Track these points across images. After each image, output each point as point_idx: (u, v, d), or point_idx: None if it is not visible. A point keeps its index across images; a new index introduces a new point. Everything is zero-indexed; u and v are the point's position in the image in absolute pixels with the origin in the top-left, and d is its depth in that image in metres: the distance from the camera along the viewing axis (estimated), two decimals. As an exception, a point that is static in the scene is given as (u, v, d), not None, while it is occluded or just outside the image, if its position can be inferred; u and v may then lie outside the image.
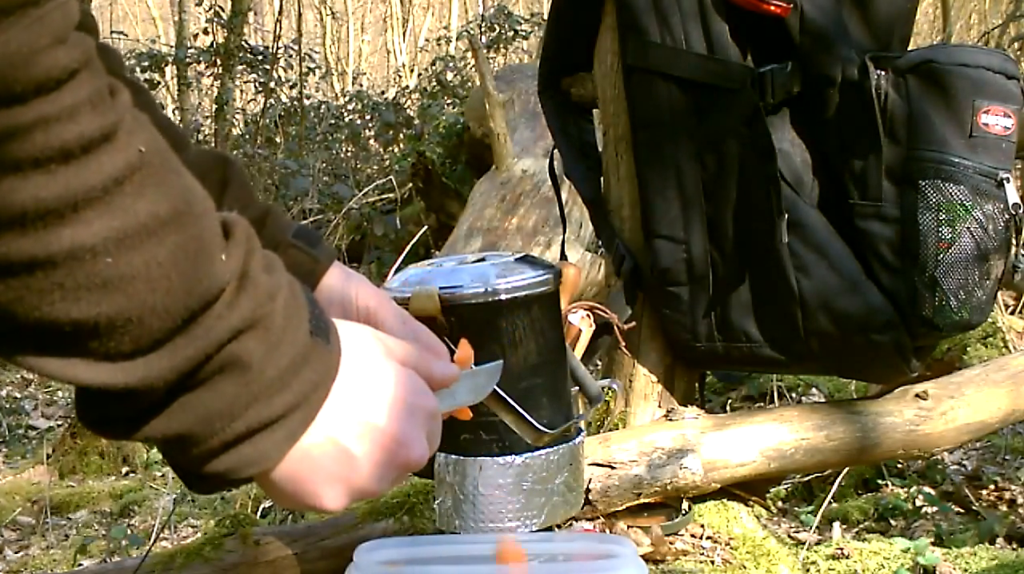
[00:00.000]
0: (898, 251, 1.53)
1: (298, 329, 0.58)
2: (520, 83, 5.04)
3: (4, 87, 0.46)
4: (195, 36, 8.96)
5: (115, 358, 0.52)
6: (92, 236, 0.49)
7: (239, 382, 0.55)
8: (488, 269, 1.26)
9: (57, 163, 0.48)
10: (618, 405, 1.71)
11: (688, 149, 1.60)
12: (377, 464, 0.63)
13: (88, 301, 0.50)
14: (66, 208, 0.48)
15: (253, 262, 0.57)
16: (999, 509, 2.42)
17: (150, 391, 0.54)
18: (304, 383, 0.58)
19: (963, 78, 1.49)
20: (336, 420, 0.61)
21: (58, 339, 0.51)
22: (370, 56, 14.48)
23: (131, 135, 0.51)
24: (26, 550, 2.90)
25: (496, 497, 1.28)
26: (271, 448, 0.58)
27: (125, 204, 0.50)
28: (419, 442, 0.65)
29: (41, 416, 4.52)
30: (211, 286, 0.54)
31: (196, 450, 0.56)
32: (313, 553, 1.43)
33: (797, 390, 3.25)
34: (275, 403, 0.57)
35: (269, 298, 0.57)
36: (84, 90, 0.49)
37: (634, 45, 1.62)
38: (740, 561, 1.52)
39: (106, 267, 0.50)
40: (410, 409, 0.65)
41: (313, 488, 0.61)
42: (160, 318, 0.52)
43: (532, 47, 8.95)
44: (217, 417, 0.55)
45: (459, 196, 5.10)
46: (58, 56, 0.48)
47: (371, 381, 0.63)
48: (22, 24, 0.47)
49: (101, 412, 0.56)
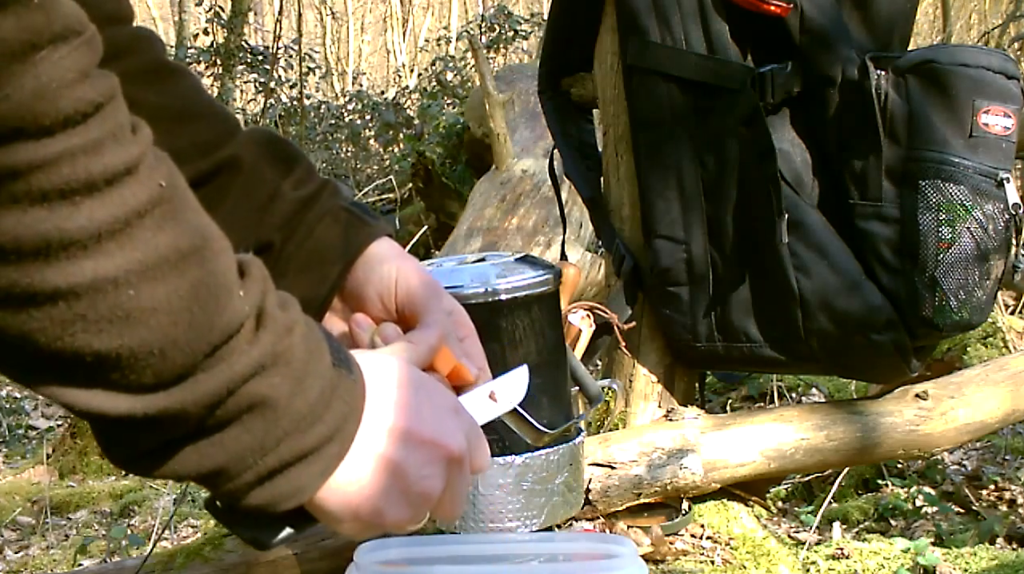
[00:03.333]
0: (898, 251, 1.53)
1: (321, 362, 0.59)
2: (520, 83, 5.04)
3: (33, 120, 0.47)
4: (195, 36, 8.96)
5: (136, 390, 0.52)
6: (114, 268, 0.50)
7: (268, 418, 0.56)
8: (488, 269, 1.26)
9: (82, 195, 0.49)
10: (618, 405, 1.71)
11: (688, 149, 1.60)
12: (421, 462, 0.64)
13: (110, 333, 0.50)
14: (89, 239, 0.49)
15: (269, 299, 0.57)
16: (999, 509, 2.42)
17: (174, 424, 0.54)
18: (336, 415, 0.59)
19: (963, 78, 1.49)
20: (371, 437, 0.62)
21: (80, 370, 0.51)
22: (370, 56, 14.49)
23: (152, 170, 0.52)
24: (26, 550, 2.90)
25: (496, 497, 1.28)
26: (307, 481, 0.59)
27: (146, 237, 0.51)
28: (455, 434, 0.66)
29: (41, 416, 4.52)
30: (231, 321, 0.54)
31: (231, 485, 0.57)
32: (313, 553, 1.43)
33: (797, 390, 3.25)
34: (308, 437, 0.58)
35: (288, 332, 0.57)
36: (109, 123, 0.50)
37: (634, 45, 1.62)
38: (740, 561, 1.52)
39: (128, 299, 0.50)
40: (435, 408, 0.66)
41: (373, 507, 0.62)
42: (182, 351, 0.52)
43: (532, 47, 8.95)
44: (249, 453, 0.56)
45: (459, 196, 5.10)
46: (85, 90, 0.49)
47: (394, 395, 0.64)
48: (51, 59, 0.47)
49: (129, 447, 0.56)
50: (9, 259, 0.48)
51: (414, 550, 1.01)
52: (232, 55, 7.86)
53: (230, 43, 7.87)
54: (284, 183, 0.84)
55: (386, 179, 6.08)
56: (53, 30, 0.47)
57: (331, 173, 7.23)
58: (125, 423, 0.53)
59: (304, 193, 0.84)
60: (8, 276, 0.48)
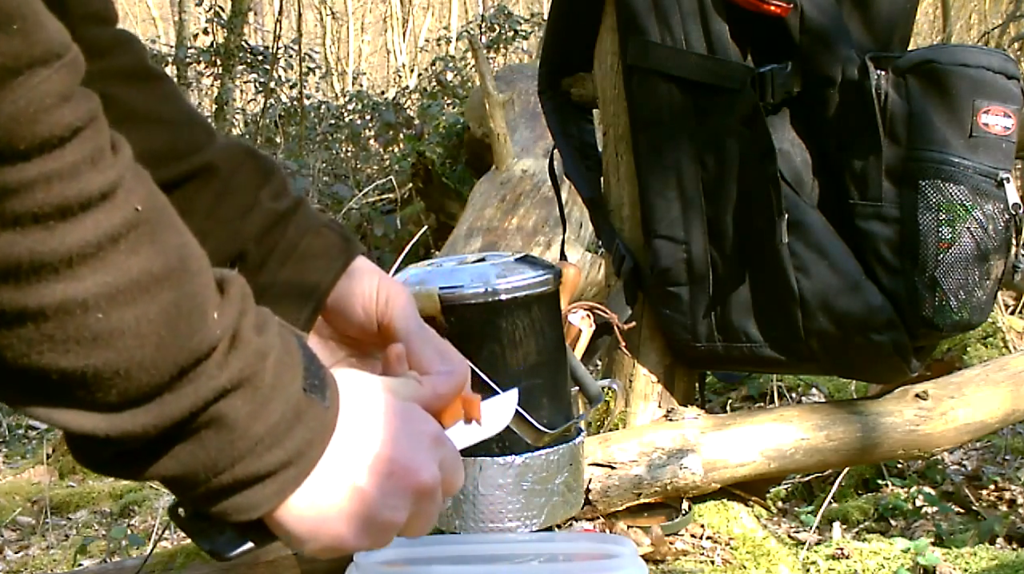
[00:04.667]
0: (898, 251, 1.53)
1: (290, 386, 0.59)
2: (520, 83, 5.04)
3: (8, 145, 0.47)
4: (195, 36, 8.97)
5: (101, 408, 0.52)
6: (84, 291, 0.50)
7: (223, 438, 0.56)
8: (488, 269, 1.26)
9: (56, 220, 0.48)
10: (618, 405, 1.71)
11: (688, 149, 1.60)
12: (388, 493, 0.63)
13: (76, 353, 0.50)
14: (60, 263, 0.49)
15: (245, 321, 0.57)
16: (999, 509, 2.42)
17: (133, 441, 0.54)
18: (297, 440, 0.59)
19: (963, 78, 1.49)
20: (340, 461, 0.61)
21: (45, 386, 0.51)
22: (370, 56, 14.49)
23: (130, 193, 0.52)
24: (26, 550, 2.90)
25: (496, 497, 1.28)
26: (261, 500, 0.59)
27: (119, 261, 0.51)
28: (427, 465, 0.66)
29: (41, 416, 4.52)
30: (201, 343, 0.54)
31: (190, 493, 0.58)
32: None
33: (797, 390, 3.25)
34: (264, 459, 0.57)
35: (259, 357, 0.57)
36: (87, 147, 0.50)
37: (634, 45, 1.62)
38: (740, 561, 1.52)
39: (96, 322, 0.50)
40: (412, 436, 0.66)
41: (332, 530, 0.62)
42: (148, 373, 0.52)
43: (532, 47, 8.95)
44: (202, 469, 0.56)
45: (459, 196, 5.10)
46: (63, 114, 0.48)
47: (371, 420, 0.64)
48: (30, 84, 0.47)
49: (92, 456, 0.57)
50: None
51: (414, 550, 1.02)
52: (232, 55, 7.86)
53: (230, 43, 7.87)
54: (261, 193, 0.84)
55: (386, 179, 6.08)
56: (32, 55, 0.47)
57: (331, 173, 7.22)
58: (88, 437, 0.53)
59: (281, 206, 0.84)
60: None
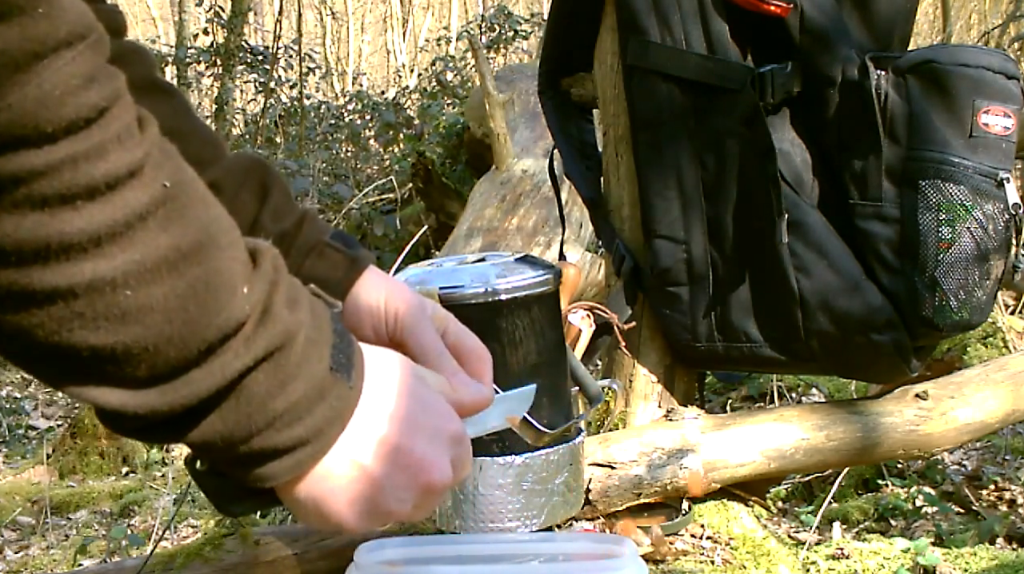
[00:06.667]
0: (898, 251, 1.53)
1: (316, 365, 0.59)
2: (520, 83, 5.04)
3: (35, 128, 0.47)
4: (195, 36, 8.97)
5: (130, 385, 0.53)
6: (113, 269, 0.50)
7: (242, 411, 0.57)
8: (488, 269, 1.26)
9: (83, 200, 0.49)
10: (618, 405, 1.71)
11: (688, 149, 1.60)
12: (398, 485, 0.64)
13: (106, 330, 0.51)
14: (89, 242, 0.49)
15: (276, 296, 0.58)
16: (999, 509, 2.42)
17: (160, 416, 0.55)
18: (317, 418, 0.59)
19: (963, 78, 1.49)
20: (357, 443, 0.62)
21: (76, 364, 0.52)
22: (370, 56, 14.48)
23: (157, 169, 0.52)
24: (26, 550, 2.91)
25: (496, 497, 1.28)
26: (278, 472, 0.60)
27: (147, 239, 0.51)
28: (441, 465, 0.66)
29: (41, 416, 4.53)
30: (230, 319, 0.55)
31: (209, 457, 0.60)
32: (313, 553, 1.43)
33: (797, 390, 3.25)
34: (284, 434, 0.58)
35: (287, 336, 0.57)
36: (113, 127, 0.50)
37: (634, 45, 1.62)
38: (740, 561, 1.52)
39: (125, 299, 0.51)
40: (433, 432, 0.66)
41: (336, 508, 0.63)
42: (177, 348, 0.53)
43: (532, 47, 8.95)
44: (221, 439, 0.57)
45: (459, 196, 5.10)
46: (89, 95, 0.49)
47: (395, 405, 0.64)
48: (55, 66, 0.47)
49: (119, 426, 0.58)
50: (9, 261, 0.48)
51: (414, 550, 1.02)
52: (232, 55, 7.86)
53: (230, 43, 7.87)
54: (263, 215, 0.85)
55: (386, 179, 6.08)
56: (57, 37, 0.47)
57: (331, 173, 7.22)
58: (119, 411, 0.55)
59: (283, 227, 0.85)
60: (8, 276, 0.49)
